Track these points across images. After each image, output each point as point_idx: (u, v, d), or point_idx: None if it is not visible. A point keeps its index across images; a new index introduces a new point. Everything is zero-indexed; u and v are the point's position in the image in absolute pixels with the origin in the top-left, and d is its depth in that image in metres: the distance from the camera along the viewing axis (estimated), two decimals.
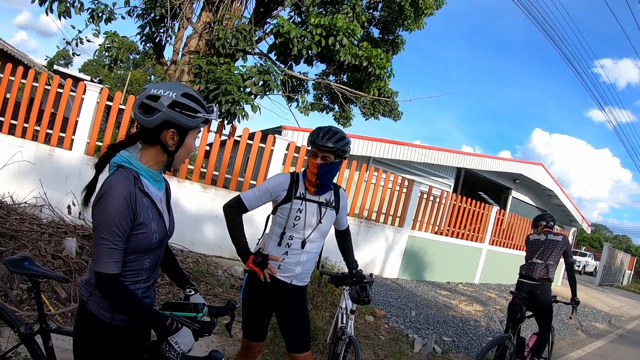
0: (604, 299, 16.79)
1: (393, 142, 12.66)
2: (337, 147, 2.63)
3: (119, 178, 1.57)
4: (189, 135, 1.70)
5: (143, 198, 1.63)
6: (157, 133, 1.65)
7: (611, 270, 25.55)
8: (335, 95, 10.89)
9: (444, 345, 5.91)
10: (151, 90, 1.65)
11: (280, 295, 2.74)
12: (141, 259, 1.67)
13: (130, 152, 1.68)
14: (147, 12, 8.10)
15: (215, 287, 5.67)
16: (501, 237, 13.14)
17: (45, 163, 6.36)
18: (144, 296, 1.72)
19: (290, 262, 2.71)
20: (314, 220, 2.73)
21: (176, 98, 1.63)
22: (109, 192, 1.53)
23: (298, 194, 2.71)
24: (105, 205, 1.52)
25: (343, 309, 3.45)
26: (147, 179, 1.68)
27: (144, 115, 1.63)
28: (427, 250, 10.63)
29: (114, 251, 1.53)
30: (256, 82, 7.58)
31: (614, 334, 9.67)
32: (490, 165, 15.64)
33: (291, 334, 2.78)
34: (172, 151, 1.69)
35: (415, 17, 11.29)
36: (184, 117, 1.63)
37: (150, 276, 1.75)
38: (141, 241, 1.62)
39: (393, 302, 7.43)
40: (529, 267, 4.93)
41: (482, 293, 10.96)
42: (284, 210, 2.70)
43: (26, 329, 2.07)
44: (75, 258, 4.80)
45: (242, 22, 8.49)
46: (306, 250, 2.74)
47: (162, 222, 1.72)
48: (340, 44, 8.20)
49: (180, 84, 1.75)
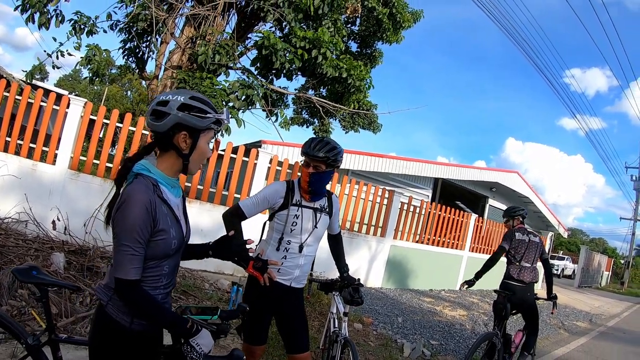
0: (584, 300, 17.22)
1: (371, 155, 12.86)
2: (328, 157, 2.76)
3: (139, 186, 1.62)
4: (201, 138, 1.74)
5: (162, 205, 1.67)
6: (170, 137, 1.70)
7: (589, 272, 26.12)
8: (315, 109, 11.02)
9: (432, 348, 6.03)
10: (160, 97, 1.71)
11: (280, 298, 2.85)
12: (160, 265, 1.72)
13: (148, 161, 1.73)
14: (130, 27, 8.11)
15: (203, 300, 5.67)
16: (481, 243, 13.39)
17: (28, 178, 6.28)
18: (163, 302, 1.75)
19: (289, 266, 2.84)
20: (310, 226, 2.87)
21: (184, 100, 1.68)
22: (130, 199, 1.58)
23: (294, 201, 2.84)
24: (127, 213, 1.57)
25: (334, 313, 3.51)
26: (165, 186, 1.73)
27: (156, 121, 1.68)
28: (410, 258, 10.77)
29: (134, 257, 1.58)
30: (239, 96, 7.66)
31: (595, 331, 9.97)
32: (467, 174, 15.97)
33: (291, 335, 2.88)
34: (186, 154, 1.73)
35: (393, 30, 11.56)
36: (194, 117, 1.68)
37: (169, 282, 1.79)
38: (161, 247, 1.67)
39: (379, 309, 7.53)
40: (519, 271, 5.00)
41: (465, 298, 11.14)
42: (281, 217, 2.83)
43: (34, 340, 2.05)
44: (64, 273, 4.79)
45: (224, 38, 8.58)
46: (304, 254, 2.88)
47: (179, 228, 1.76)
48: (323, 57, 8.35)
49: (187, 90, 1.81)
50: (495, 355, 4.60)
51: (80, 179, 6.50)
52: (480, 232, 13.27)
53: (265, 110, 9.19)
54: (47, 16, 7.32)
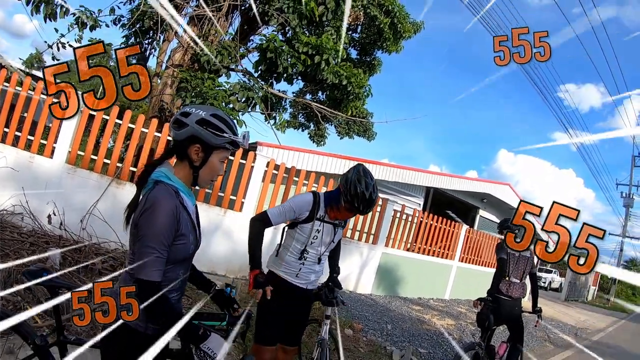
0: (570, 313, 17.38)
1: (364, 161, 12.90)
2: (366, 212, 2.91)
3: (164, 193, 1.69)
4: (213, 154, 1.81)
5: (183, 211, 1.75)
6: (185, 147, 1.78)
7: (576, 286, 26.33)
8: (311, 113, 11.08)
9: (421, 356, 6.09)
10: (185, 109, 1.79)
11: (296, 299, 3.02)
12: (176, 270, 1.78)
13: (167, 169, 1.79)
14: (133, 23, 8.12)
15: (196, 301, 5.69)
16: (471, 254, 13.49)
17: (25, 170, 6.25)
18: (177, 307, 1.80)
19: (306, 272, 3.01)
20: (328, 240, 3.05)
21: (204, 116, 1.75)
22: (157, 205, 1.65)
23: (318, 216, 2.95)
24: (154, 217, 1.63)
25: None
26: (184, 193, 1.80)
27: (176, 130, 1.77)
28: (400, 266, 10.84)
29: (159, 260, 1.63)
30: (240, 98, 7.71)
31: (581, 345, 10.06)
32: (459, 185, 16.05)
33: (290, 329, 3.07)
34: (196, 166, 1.80)
35: (394, 40, 11.66)
36: (209, 134, 1.75)
37: (181, 287, 1.85)
38: (180, 251, 1.73)
39: (369, 316, 7.58)
40: (508, 286, 4.99)
41: (453, 308, 11.23)
42: (305, 230, 2.94)
43: (41, 340, 2.06)
44: (60, 269, 4.78)
45: (227, 39, 8.62)
46: (320, 263, 3.08)
47: (195, 235, 1.84)
48: (326, 63, 8.43)
49: (214, 108, 1.87)
50: None
51: (77, 174, 6.48)
52: (470, 242, 13.38)
53: (264, 113, 9.23)
54: (52, 6, 7.29)
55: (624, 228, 35.67)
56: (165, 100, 8.46)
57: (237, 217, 7.50)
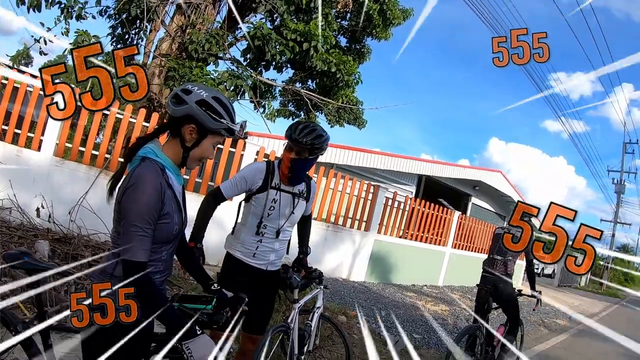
0: (564, 298, 17.60)
1: (357, 150, 12.90)
2: (314, 144, 2.64)
3: (149, 169, 1.65)
4: (207, 138, 1.77)
5: (168, 190, 1.70)
6: (179, 125, 1.73)
7: (569, 272, 26.50)
8: (301, 101, 11.03)
9: (415, 342, 6.13)
10: (187, 86, 1.74)
11: (256, 281, 2.80)
12: (160, 250, 1.73)
13: (155, 145, 1.75)
14: (119, 13, 8.02)
15: (189, 291, 5.67)
16: (463, 240, 13.55)
17: (12, 164, 6.18)
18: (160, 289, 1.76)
19: (265, 250, 2.80)
20: (287, 211, 2.80)
21: (206, 98, 1.71)
22: (141, 181, 1.60)
23: (273, 184, 2.76)
24: (139, 194, 1.59)
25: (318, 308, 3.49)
26: (171, 171, 1.75)
27: (174, 105, 1.71)
28: (393, 253, 10.87)
29: (144, 239, 1.59)
30: (228, 86, 7.64)
31: (575, 329, 10.16)
32: (451, 172, 16.11)
33: (252, 315, 2.74)
34: (188, 147, 1.75)
35: (383, 26, 11.60)
36: (207, 116, 1.70)
37: (165, 269, 1.80)
38: (164, 231, 1.69)
39: (363, 303, 7.60)
40: (490, 263, 5.13)
41: (447, 294, 11.28)
42: (259, 200, 2.75)
43: (24, 327, 2.02)
44: (48, 261, 4.75)
45: (214, 27, 8.54)
46: (279, 239, 2.83)
47: (181, 215, 1.79)
48: (314, 50, 8.37)
49: (217, 90, 1.83)
50: (476, 348, 4.68)
51: (65, 167, 6.41)
52: (463, 229, 13.43)
53: (254, 102, 9.17)
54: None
55: (615, 214, 36.04)
56: (153, 90, 8.38)
57: (228, 206, 7.43)
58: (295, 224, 2.93)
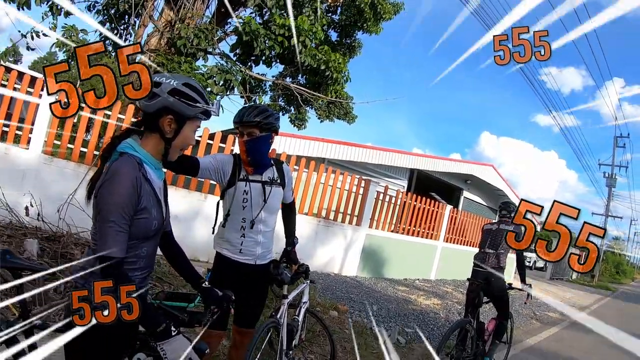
0: (556, 292, 17.76)
1: (348, 144, 12.89)
2: (260, 120, 2.61)
3: (125, 163, 1.63)
4: (186, 125, 1.75)
5: (146, 184, 1.68)
6: (156, 119, 1.71)
7: (561, 265, 26.69)
8: (291, 97, 10.99)
9: (407, 336, 6.15)
10: (155, 78, 1.69)
11: (246, 277, 2.79)
12: (139, 246, 1.71)
13: (134, 140, 1.73)
14: (107, 8, 7.94)
15: (179, 287, 5.65)
16: (455, 234, 13.60)
17: (0, 162, 6.13)
18: (140, 286, 1.72)
19: (250, 245, 2.77)
20: (260, 200, 2.75)
21: (176, 86, 1.68)
22: (117, 175, 1.58)
23: (241, 176, 2.73)
24: (113, 189, 1.57)
25: (305, 303, 3.51)
26: (149, 166, 1.73)
27: (146, 102, 1.67)
28: (385, 248, 10.89)
29: (120, 234, 1.57)
30: (217, 81, 7.59)
31: (567, 322, 10.25)
32: (443, 166, 16.15)
33: (242, 308, 2.83)
34: (169, 138, 1.74)
35: (374, 20, 11.56)
36: (183, 104, 1.69)
37: (146, 266, 1.78)
38: (142, 227, 1.67)
39: (354, 297, 7.61)
40: (482, 257, 5.18)
41: (439, 288, 11.35)
42: (231, 195, 2.72)
43: (7, 326, 1.93)
44: (37, 260, 4.71)
45: (203, 22, 8.48)
46: (260, 230, 2.78)
47: (160, 210, 1.77)
48: (303, 45, 8.34)
49: (185, 76, 1.80)
50: (467, 342, 4.70)
51: (54, 164, 6.36)
52: (454, 223, 13.48)
53: (244, 97, 9.13)
54: None
55: (607, 207, 36.32)
56: None
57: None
58: (275, 213, 2.88)
